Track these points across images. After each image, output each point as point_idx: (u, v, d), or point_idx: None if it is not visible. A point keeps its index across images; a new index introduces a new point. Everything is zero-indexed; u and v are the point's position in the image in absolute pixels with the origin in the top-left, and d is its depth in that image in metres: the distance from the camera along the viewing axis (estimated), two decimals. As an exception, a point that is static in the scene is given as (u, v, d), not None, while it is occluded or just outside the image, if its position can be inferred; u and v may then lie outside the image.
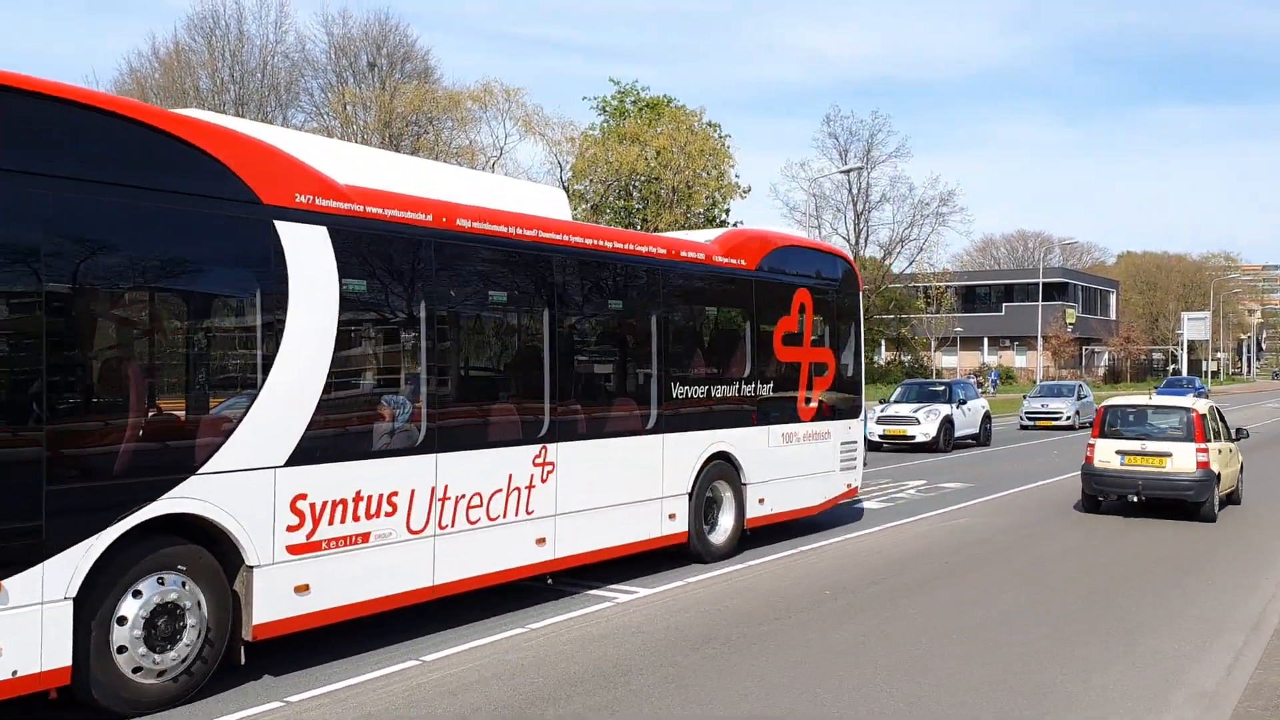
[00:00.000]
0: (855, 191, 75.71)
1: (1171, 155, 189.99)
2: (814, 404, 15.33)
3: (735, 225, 61.36)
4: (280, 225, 8.71)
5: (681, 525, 13.06)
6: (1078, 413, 43.39)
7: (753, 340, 14.35)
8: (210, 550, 8.25)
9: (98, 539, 7.42)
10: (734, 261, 13.96)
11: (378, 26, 61.59)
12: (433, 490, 9.88)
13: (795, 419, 15.01)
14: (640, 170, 56.89)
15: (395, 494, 9.56)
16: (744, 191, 60.31)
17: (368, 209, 9.43)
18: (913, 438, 30.95)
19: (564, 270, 11.55)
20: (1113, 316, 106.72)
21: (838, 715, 8.09)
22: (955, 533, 16.45)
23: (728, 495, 13.89)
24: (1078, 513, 18.63)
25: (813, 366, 15.38)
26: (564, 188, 57.34)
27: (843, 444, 16.07)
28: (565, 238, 11.49)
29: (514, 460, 10.78)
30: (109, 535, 7.49)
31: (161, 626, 7.87)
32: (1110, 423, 18.40)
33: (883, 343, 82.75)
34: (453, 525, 10.09)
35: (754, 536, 14.40)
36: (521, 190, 12.33)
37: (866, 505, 19.26)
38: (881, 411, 32.39)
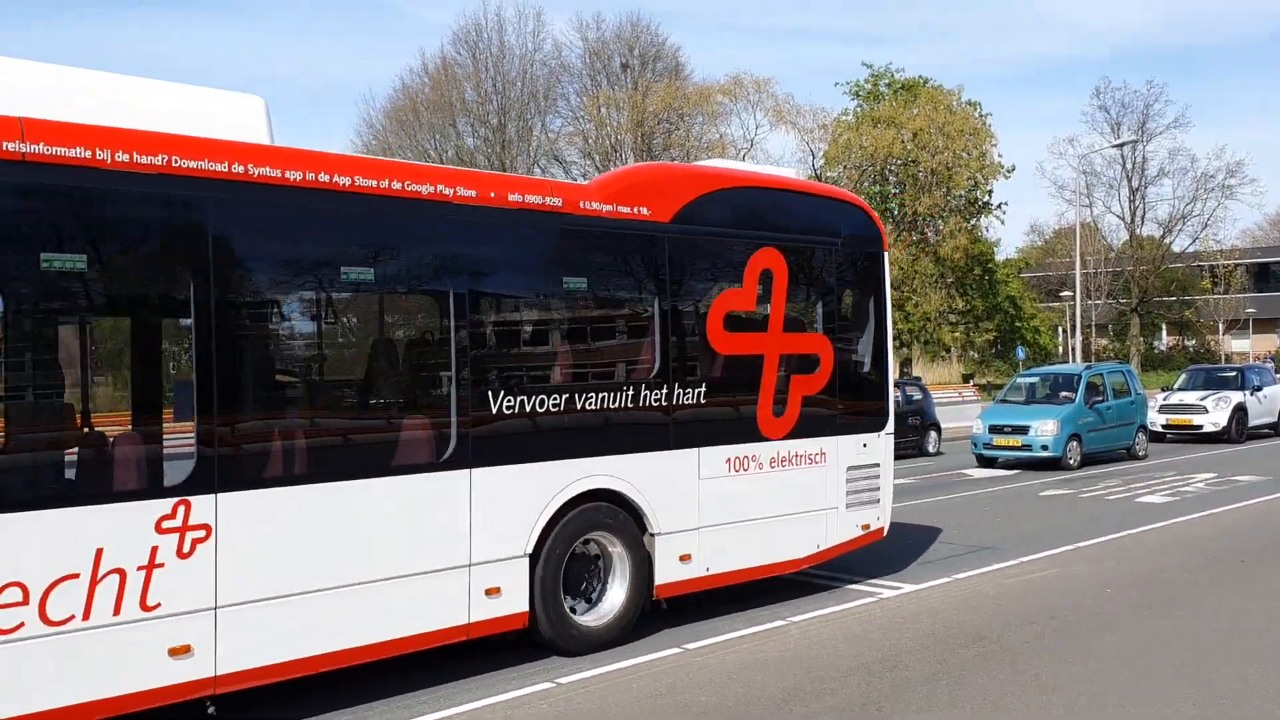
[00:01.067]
0: (1129, 167, 67.63)
1: None
2: (791, 413, 10.09)
3: (1000, 207, 57.35)
4: None
5: (515, 603, 8.22)
6: None
7: (666, 324, 9.28)
8: None
9: None
10: (624, 210, 8.90)
11: (630, 28, 60.43)
12: (-111, 583, 5.80)
13: (754, 436, 9.82)
14: (896, 154, 53.13)
15: None
16: (1007, 171, 54.83)
17: None
18: (1200, 427, 27.74)
19: (238, 218, 6.99)
20: None
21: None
22: (1251, 528, 14.57)
23: (617, 551, 8.94)
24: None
25: (787, 360, 10.13)
26: (816, 175, 53.83)
27: (852, 469, 10.71)
28: (239, 168, 6.95)
29: (110, 527, 6.37)
30: None
31: None
32: None
33: (1164, 326, 74.22)
34: (-57, 638, 5.96)
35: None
36: (175, 99, 7.36)
37: (1149, 500, 17.44)
38: (1165, 400, 29.09)
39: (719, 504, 9.53)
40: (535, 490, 8.34)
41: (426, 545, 7.77)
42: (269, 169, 7.09)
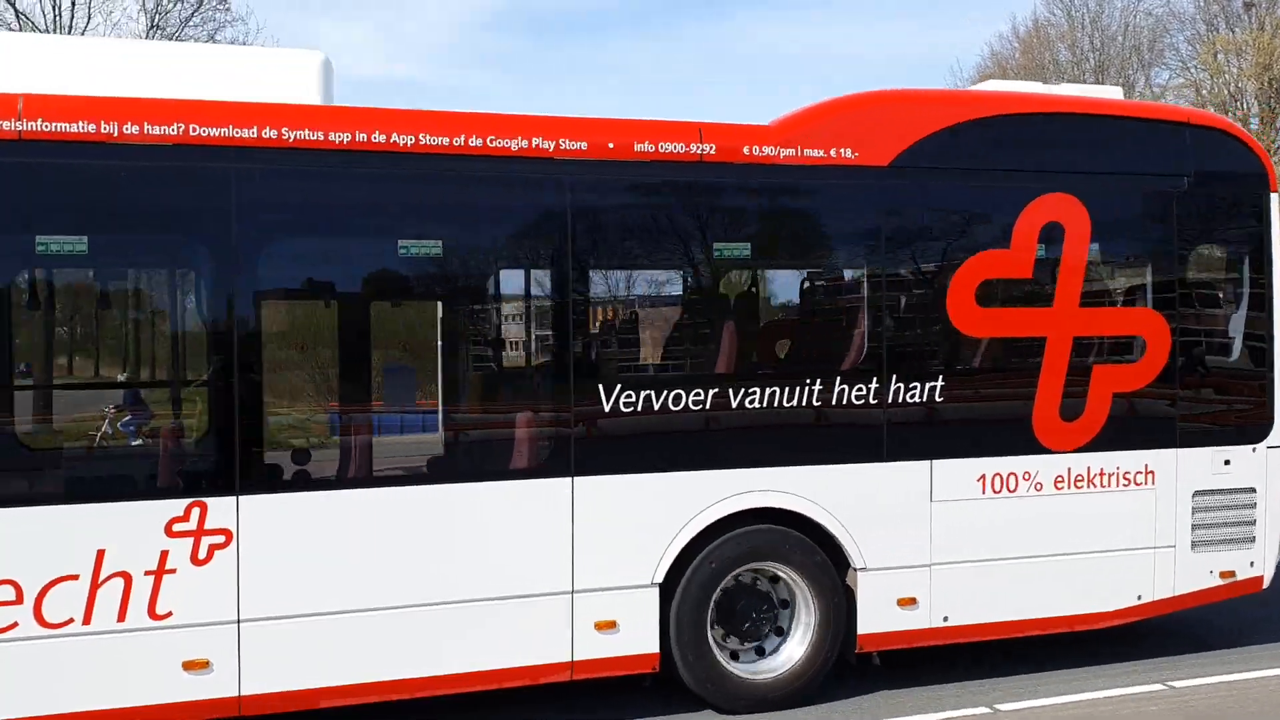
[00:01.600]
0: None
1: None
2: (1094, 416, 7.32)
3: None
4: None
5: (639, 642, 6.58)
6: None
7: (879, 297, 7.05)
8: None
9: None
10: (814, 154, 6.74)
11: (1257, -38, 53.48)
12: None
13: (1028, 446, 7.21)
14: None
15: None
16: None
17: None
18: None
19: (269, 190, 6.23)
20: None
21: None
22: None
23: (801, 589, 6.94)
24: None
25: (1087, 345, 7.37)
26: None
27: (1202, 495, 7.59)
28: (270, 133, 6.18)
29: (116, 528, 5.85)
30: None
31: None
32: None
33: None
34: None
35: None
36: (221, 63, 6.65)
37: None
38: None
39: (966, 534, 7.11)
40: (667, 506, 6.62)
41: (510, 566, 6.42)
42: (307, 132, 6.18)
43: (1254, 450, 7.71)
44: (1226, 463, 7.65)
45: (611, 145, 6.60)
